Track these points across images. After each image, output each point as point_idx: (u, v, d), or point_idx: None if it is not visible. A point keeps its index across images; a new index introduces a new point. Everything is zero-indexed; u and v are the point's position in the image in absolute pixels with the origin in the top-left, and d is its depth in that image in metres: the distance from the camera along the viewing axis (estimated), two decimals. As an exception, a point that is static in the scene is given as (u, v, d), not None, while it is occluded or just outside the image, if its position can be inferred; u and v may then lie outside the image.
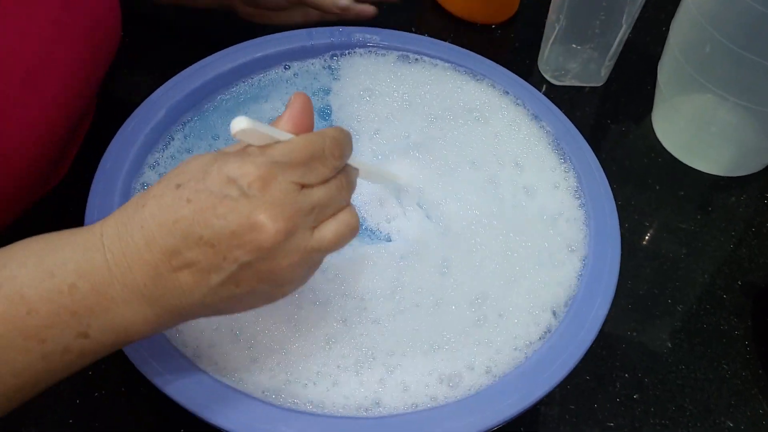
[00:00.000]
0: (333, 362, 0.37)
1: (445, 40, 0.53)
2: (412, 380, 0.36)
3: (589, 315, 0.38)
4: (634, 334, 0.50)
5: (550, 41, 0.62)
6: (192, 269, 0.30)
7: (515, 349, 0.38)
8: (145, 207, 0.31)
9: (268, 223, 0.30)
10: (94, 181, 0.42)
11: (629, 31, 0.60)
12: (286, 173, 0.31)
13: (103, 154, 0.44)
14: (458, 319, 0.39)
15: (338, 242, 0.33)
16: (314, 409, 0.35)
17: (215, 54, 0.50)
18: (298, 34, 0.51)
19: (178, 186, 0.31)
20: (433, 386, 0.36)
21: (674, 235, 0.56)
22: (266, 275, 0.31)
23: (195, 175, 0.31)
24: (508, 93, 0.50)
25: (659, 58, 0.61)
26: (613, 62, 0.63)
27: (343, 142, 0.33)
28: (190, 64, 0.49)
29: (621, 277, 0.42)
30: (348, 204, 0.34)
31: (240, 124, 0.29)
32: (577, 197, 0.45)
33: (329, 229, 0.32)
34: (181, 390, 0.35)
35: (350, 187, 0.34)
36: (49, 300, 0.29)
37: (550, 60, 0.64)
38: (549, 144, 0.48)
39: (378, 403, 0.35)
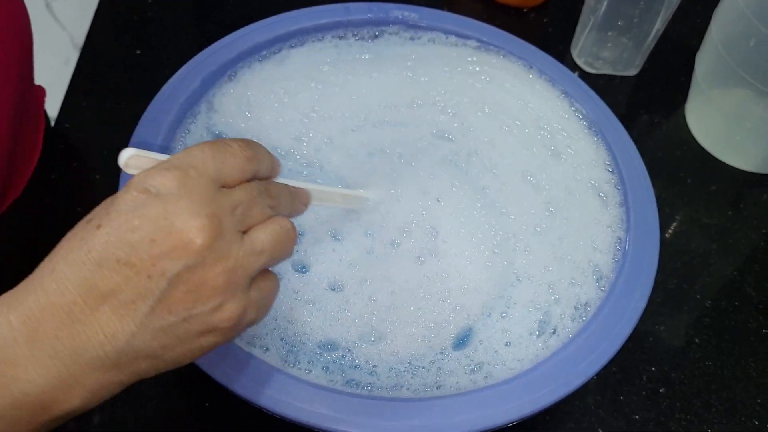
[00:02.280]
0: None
1: (478, 21, 0.52)
2: (456, 364, 0.36)
3: (627, 309, 0.38)
4: (662, 328, 0.50)
5: (587, 28, 0.61)
6: (113, 302, 0.26)
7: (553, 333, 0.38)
8: (56, 251, 0.27)
9: (190, 219, 0.26)
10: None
11: (667, 22, 0.59)
12: (198, 170, 0.28)
13: (138, 122, 0.43)
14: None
15: (275, 245, 0.29)
16: (379, 393, 0.35)
17: (250, 25, 0.49)
18: (335, 9, 0.50)
19: (89, 221, 0.27)
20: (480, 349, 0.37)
21: (704, 230, 0.55)
22: (201, 289, 0.27)
23: (104, 203, 0.28)
24: (547, 75, 0.49)
25: (695, 49, 0.59)
26: (648, 52, 0.62)
27: (253, 144, 0.30)
28: (216, 41, 0.48)
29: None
30: (278, 215, 0.31)
31: (127, 152, 0.28)
32: (612, 175, 0.45)
33: (262, 232, 0.29)
34: (216, 365, 0.34)
35: (278, 194, 0.31)
36: None
37: (584, 47, 0.63)
38: (587, 128, 0.47)
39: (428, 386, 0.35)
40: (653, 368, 0.48)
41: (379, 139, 0.46)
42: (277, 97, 0.47)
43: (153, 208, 0.26)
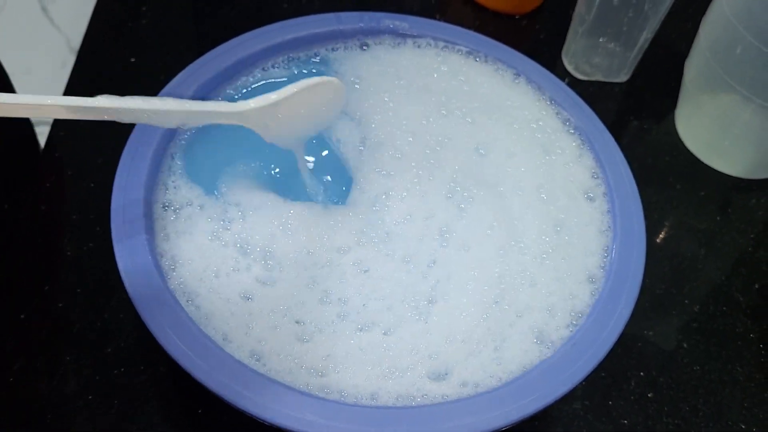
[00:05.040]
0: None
1: (468, 30, 0.53)
2: (449, 368, 0.37)
3: (613, 316, 0.38)
4: (650, 333, 0.50)
5: (578, 34, 0.62)
6: None
7: (541, 343, 0.38)
8: None
9: None
10: (123, 155, 0.42)
11: (657, 28, 0.59)
12: None
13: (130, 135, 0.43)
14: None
15: None
16: (364, 401, 0.35)
17: (243, 35, 0.49)
18: (326, 18, 0.51)
19: None
20: (467, 373, 0.37)
21: (693, 235, 0.56)
22: None
23: None
24: (539, 87, 0.50)
25: (685, 55, 0.60)
26: (638, 59, 0.62)
27: None
28: (210, 49, 0.48)
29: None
30: None
31: None
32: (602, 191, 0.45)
33: None
34: (207, 371, 0.35)
35: None
36: None
37: (575, 53, 0.63)
38: (571, 135, 0.48)
39: (410, 396, 0.36)
40: (641, 373, 0.48)
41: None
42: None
43: None
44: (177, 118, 0.35)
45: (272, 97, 0.39)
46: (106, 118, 0.34)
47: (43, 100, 0.32)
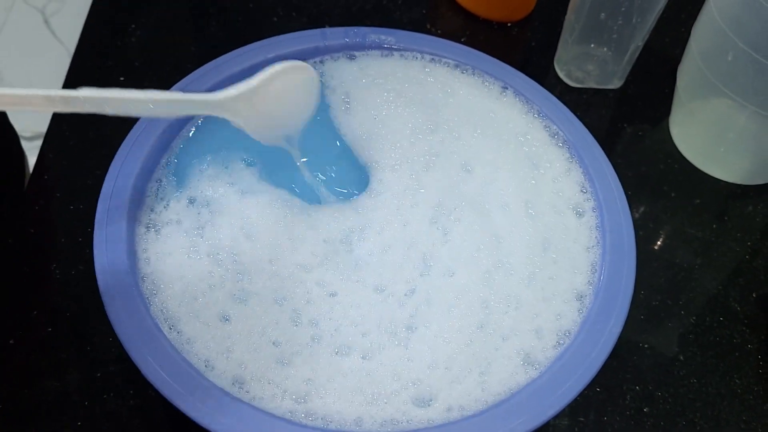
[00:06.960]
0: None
1: (459, 39, 0.52)
2: (436, 392, 0.36)
3: (603, 333, 0.38)
4: (646, 345, 0.50)
5: (569, 42, 0.61)
6: None
7: (529, 365, 0.38)
8: None
9: None
10: (105, 181, 0.42)
11: (647, 35, 0.59)
12: None
13: (114, 157, 0.43)
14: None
15: None
16: (353, 428, 0.35)
17: (228, 54, 0.49)
18: (312, 35, 0.50)
19: None
20: (452, 398, 0.36)
21: (689, 244, 0.55)
22: None
23: None
24: (528, 100, 0.49)
25: (678, 61, 0.59)
26: (630, 65, 0.62)
27: None
28: (199, 66, 0.48)
29: (634, 287, 0.41)
30: None
31: None
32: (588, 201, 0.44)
33: None
34: (192, 403, 0.34)
35: None
36: None
37: (567, 61, 0.63)
38: (560, 149, 0.47)
39: (395, 422, 0.35)
40: (637, 387, 0.48)
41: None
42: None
43: None
44: (158, 109, 0.37)
45: (248, 83, 0.39)
46: (87, 109, 0.35)
47: (23, 92, 0.33)
